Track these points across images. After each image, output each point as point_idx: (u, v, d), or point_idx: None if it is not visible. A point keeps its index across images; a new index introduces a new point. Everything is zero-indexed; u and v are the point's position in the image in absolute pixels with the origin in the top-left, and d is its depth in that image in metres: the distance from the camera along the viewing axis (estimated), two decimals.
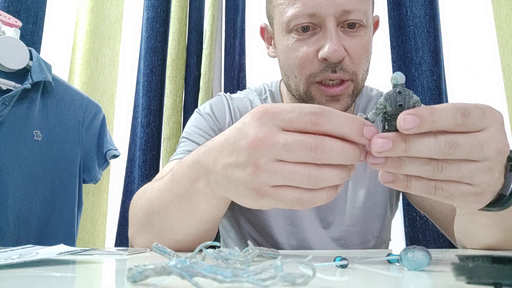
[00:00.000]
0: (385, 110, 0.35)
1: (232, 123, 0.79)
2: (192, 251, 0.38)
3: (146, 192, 0.60)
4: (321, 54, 0.62)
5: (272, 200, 0.38)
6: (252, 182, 0.38)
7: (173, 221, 0.54)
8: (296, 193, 0.37)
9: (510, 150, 0.43)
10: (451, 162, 0.35)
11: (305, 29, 0.63)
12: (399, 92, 0.35)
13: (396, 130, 0.35)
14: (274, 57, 0.75)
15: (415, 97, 0.35)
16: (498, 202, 0.41)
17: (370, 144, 0.35)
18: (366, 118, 0.36)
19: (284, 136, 0.35)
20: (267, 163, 0.36)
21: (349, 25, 0.63)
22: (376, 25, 0.73)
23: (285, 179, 0.36)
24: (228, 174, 0.41)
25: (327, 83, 0.65)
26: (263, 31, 0.78)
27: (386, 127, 0.36)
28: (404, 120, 0.33)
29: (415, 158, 0.35)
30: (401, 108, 0.34)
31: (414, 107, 0.35)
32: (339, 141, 0.35)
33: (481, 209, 0.43)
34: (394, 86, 0.35)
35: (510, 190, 0.41)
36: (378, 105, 0.36)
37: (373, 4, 0.69)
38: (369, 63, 0.68)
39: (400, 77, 0.35)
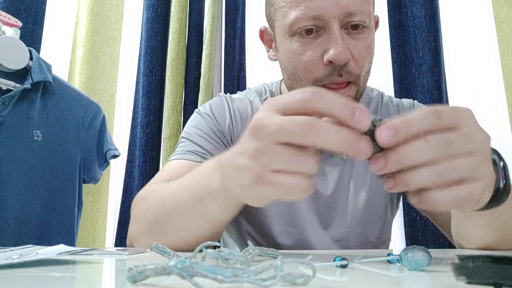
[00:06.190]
0: None
1: (232, 124, 0.79)
2: (192, 251, 0.38)
3: (157, 191, 0.60)
4: (326, 57, 0.61)
5: (272, 187, 0.37)
6: (254, 166, 0.38)
7: (184, 220, 0.55)
8: (296, 179, 0.36)
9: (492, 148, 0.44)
10: (450, 160, 0.34)
11: (308, 31, 0.62)
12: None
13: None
14: (275, 60, 0.73)
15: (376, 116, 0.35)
16: (493, 198, 0.42)
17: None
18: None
19: (280, 117, 0.36)
20: (268, 145, 0.36)
21: (352, 27, 0.62)
22: (376, 25, 0.73)
23: (288, 162, 0.36)
24: (235, 162, 0.41)
25: (332, 86, 0.65)
26: (262, 34, 0.76)
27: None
28: (380, 137, 0.33)
29: (417, 168, 0.34)
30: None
31: (381, 120, 0.35)
32: (331, 124, 0.34)
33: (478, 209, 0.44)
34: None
35: (502, 184, 0.42)
36: None
37: (373, 5, 0.69)
38: (371, 64, 0.68)
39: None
